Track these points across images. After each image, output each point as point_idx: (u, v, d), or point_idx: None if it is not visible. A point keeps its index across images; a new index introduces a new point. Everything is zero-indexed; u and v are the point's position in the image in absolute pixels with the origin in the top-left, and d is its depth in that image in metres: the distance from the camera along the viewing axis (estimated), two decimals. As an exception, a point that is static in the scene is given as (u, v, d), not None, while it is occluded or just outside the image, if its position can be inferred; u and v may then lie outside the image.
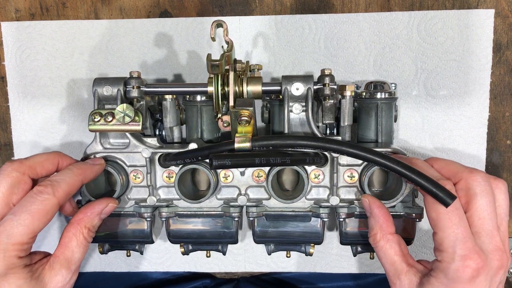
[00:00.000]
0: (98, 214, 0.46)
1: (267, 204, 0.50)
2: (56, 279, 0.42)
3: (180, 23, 0.57)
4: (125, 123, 0.47)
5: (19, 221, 0.39)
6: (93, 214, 0.46)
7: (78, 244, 0.44)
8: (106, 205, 0.47)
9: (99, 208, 0.46)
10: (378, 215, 0.44)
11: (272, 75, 0.57)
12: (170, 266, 0.63)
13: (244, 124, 0.44)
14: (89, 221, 0.45)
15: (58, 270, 0.42)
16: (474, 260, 0.37)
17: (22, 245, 0.40)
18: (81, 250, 0.44)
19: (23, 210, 0.40)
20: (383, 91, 0.50)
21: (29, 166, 0.44)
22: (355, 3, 0.56)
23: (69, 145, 0.59)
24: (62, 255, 0.43)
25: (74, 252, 0.43)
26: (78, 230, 0.44)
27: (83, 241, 0.44)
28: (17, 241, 0.39)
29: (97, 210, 0.46)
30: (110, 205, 0.47)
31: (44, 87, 0.59)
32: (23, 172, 0.43)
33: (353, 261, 0.61)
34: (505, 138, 0.57)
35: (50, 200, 0.41)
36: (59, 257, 0.43)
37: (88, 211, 0.46)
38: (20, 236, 0.39)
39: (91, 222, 0.45)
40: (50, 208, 0.41)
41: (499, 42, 0.55)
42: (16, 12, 0.58)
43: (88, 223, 0.45)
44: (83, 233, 0.44)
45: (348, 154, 0.42)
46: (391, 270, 0.42)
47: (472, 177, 0.41)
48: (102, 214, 0.46)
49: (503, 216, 0.42)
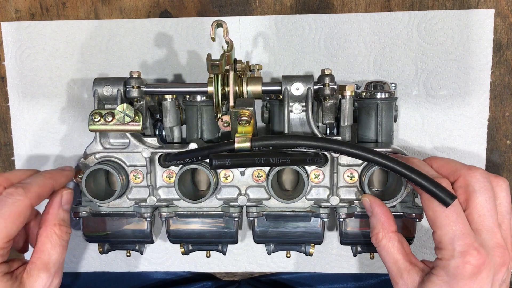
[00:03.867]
0: (59, 207, 0.45)
1: (267, 204, 0.50)
2: (36, 285, 0.41)
3: (180, 23, 0.57)
4: (125, 123, 0.47)
5: None
6: (55, 209, 0.45)
7: (52, 245, 0.43)
8: (61, 195, 0.46)
9: (57, 202, 0.45)
10: (380, 214, 0.44)
11: (272, 75, 0.57)
12: (170, 266, 0.63)
13: (244, 124, 0.44)
14: (55, 217, 0.44)
15: (36, 276, 0.41)
16: (474, 256, 0.37)
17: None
18: (57, 251, 0.43)
19: None
20: (383, 91, 0.50)
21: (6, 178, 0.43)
22: (355, 3, 0.56)
23: (69, 145, 0.59)
24: (38, 260, 0.42)
25: (50, 255, 0.43)
26: (49, 230, 0.44)
27: (57, 240, 0.43)
28: None
29: (56, 204, 0.45)
30: (64, 193, 0.46)
31: (44, 87, 0.59)
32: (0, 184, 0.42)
33: (353, 261, 0.61)
34: (505, 138, 0.57)
35: (22, 201, 0.41)
36: (36, 263, 0.42)
37: (49, 209, 0.45)
38: None
39: (58, 217, 0.45)
40: (23, 210, 0.41)
41: (499, 42, 0.55)
42: (16, 12, 0.58)
43: (55, 219, 0.44)
44: (55, 232, 0.44)
45: (348, 154, 0.42)
46: (393, 269, 0.42)
47: (470, 174, 0.41)
48: (64, 205, 0.46)
49: (504, 214, 0.41)
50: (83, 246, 0.62)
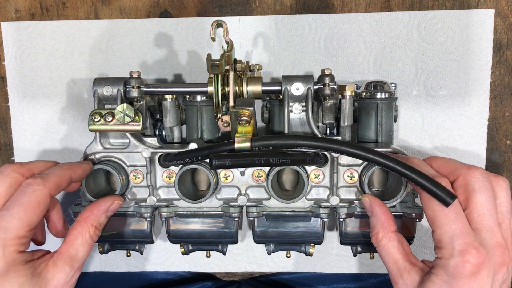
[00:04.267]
0: (104, 211, 0.46)
1: (267, 204, 0.50)
2: (58, 276, 0.41)
3: (180, 23, 0.57)
4: (125, 123, 0.47)
5: (13, 215, 0.39)
6: (100, 211, 0.46)
7: (83, 242, 0.44)
8: (112, 202, 0.47)
9: (105, 206, 0.46)
10: (380, 214, 0.44)
11: (272, 75, 0.57)
12: (170, 266, 0.63)
13: (244, 124, 0.44)
14: (95, 219, 0.45)
15: (61, 267, 0.42)
16: (473, 255, 0.37)
17: (20, 238, 0.40)
18: (85, 249, 0.44)
19: (15, 204, 0.40)
20: (383, 91, 0.50)
21: (28, 169, 0.44)
22: (355, 3, 0.56)
23: (69, 145, 0.59)
24: (66, 252, 0.43)
25: (78, 250, 0.43)
26: (85, 228, 0.44)
27: (88, 239, 0.44)
28: (14, 235, 0.39)
29: (104, 208, 0.46)
30: (116, 202, 0.47)
31: (44, 87, 0.59)
32: (22, 174, 0.43)
33: (353, 261, 0.61)
34: (505, 138, 0.57)
35: (41, 191, 0.41)
36: (63, 254, 0.43)
37: (94, 209, 0.46)
38: (16, 229, 0.39)
39: (98, 220, 0.45)
40: (42, 199, 0.41)
41: (499, 42, 0.55)
42: (16, 12, 0.58)
43: (95, 221, 0.45)
44: (89, 231, 0.44)
45: (348, 154, 0.42)
46: (393, 269, 0.42)
47: (470, 174, 0.41)
48: (109, 211, 0.47)
49: (505, 214, 0.41)
50: (83, 246, 0.62)
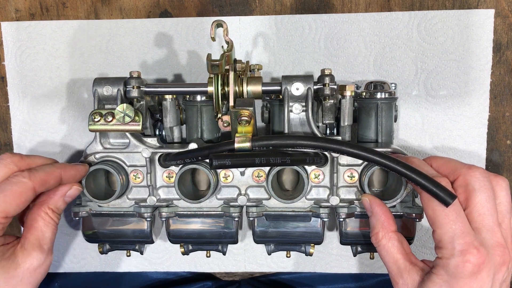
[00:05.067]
0: (61, 195, 0.46)
1: (267, 204, 0.50)
2: (29, 260, 0.42)
3: (180, 23, 0.57)
4: (125, 123, 0.47)
5: None
6: (57, 196, 0.46)
7: (45, 223, 0.44)
8: (70, 188, 0.46)
9: (63, 190, 0.46)
10: (379, 214, 0.44)
11: (272, 75, 0.57)
12: (170, 266, 0.63)
13: (244, 124, 0.44)
14: (52, 203, 0.45)
15: (31, 250, 0.42)
16: (474, 255, 0.37)
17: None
18: (50, 229, 0.44)
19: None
20: (383, 91, 0.50)
21: (27, 163, 0.44)
22: (355, 3, 0.56)
23: (69, 145, 0.59)
24: (32, 236, 0.43)
25: (43, 232, 0.43)
26: (42, 211, 0.44)
27: (50, 220, 0.44)
28: None
29: (61, 192, 0.46)
30: (74, 187, 0.47)
31: (44, 87, 0.59)
32: (20, 167, 0.43)
33: (353, 261, 0.61)
34: (505, 138, 0.57)
35: (25, 183, 0.42)
36: (29, 238, 0.43)
37: (51, 194, 0.46)
38: None
39: (55, 204, 0.45)
40: (23, 190, 0.42)
41: (499, 42, 0.55)
42: (16, 12, 0.58)
43: (52, 204, 0.45)
44: (48, 213, 0.44)
45: (348, 154, 0.42)
46: (393, 269, 0.42)
47: (470, 173, 0.41)
48: (66, 197, 0.46)
49: (505, 213, 0.41)
50: (83, 246, 0.62)
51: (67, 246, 0.62)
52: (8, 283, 0.41)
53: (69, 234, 0.62)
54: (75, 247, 0.62)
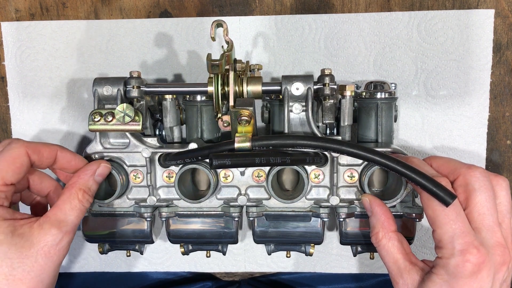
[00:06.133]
0: (91, 175, 0.46)
1: (267, 204, 0.50)
2: (45, 239, 0.40)
3: (180, 23, 0.57)
4: (125, 123, 0.47)
5: None
6: (86, 175, 0.45)
7: (71, 207, 0.43)
8: (98, 165, 0.46)
9: (91, 169, 0.46)
10: (379, 213, 0.44)
11: (272, 75, 0.57)
12: (170, 266, 0.63)
13: (244, 124, 0.44)
14: (83, 183, 0.45)
15: (47, 230, 0.40)
16: (474, 254, 0.37)
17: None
18: (75, 213, 0.43)
19: None
20: (383, 91, 0.50)
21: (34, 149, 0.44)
22: (355, 3, 0.56)
23: (69, 145, 0.59)
24: (53, 216, 0.42)
25: (67, 215, 0.42)
26: (73, 193, 0.44)
27: (77, 204, 0.43)
28: None
29: (90, 172, 0.46)
30: (102, 165, 0.46)
31: (44, 87, 0.59)
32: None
33: (353, 261, 0.61)
34: (505, 138, 0.57)
35: (18, 148, 0.42)
36: (50, 218, 0.41)
37: (80, 174, 0.45)
38: None
39: (86, 184, 0.45)
40: (17, 155, 0.42)
41: (499, 42, 0.55)
42: (16, 12, 0.58)
43: (83, 185, 0.44)
44: (78, 196, 0.43)
45: (348, 153, 0.42)
46: (394, 268, 0.42)
47: (470, 173, 0.41)
48: (97, 175, 0.46)
49: (505, 213, 0.41)
50: (83, 246, 0.62)
51: (67, 246, 0.62)
52: (22, 263, 0.39)
53: (69, 234, 0.62)
54: (75, 247, 0.62)
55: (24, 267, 0.39)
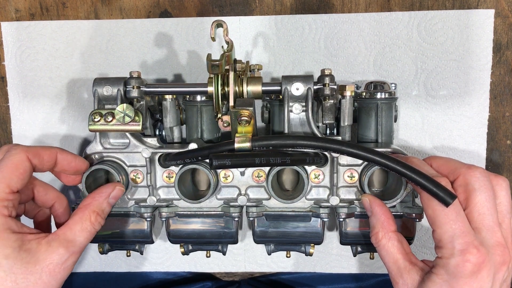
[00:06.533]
0: (105, 198, 0.45)
1: (267, 204, 0.50)
2: (51, 257, 0.40)
3: (180, 23, 0.57)
4: (125, 123, 0.47)
5: None
6: (101, 198, 0.45)
7: (82, 228, 0.42)
8: (113, 188, 0.46)
9: (106, 192, 0.46)
10: (379, 213, 0.44)
11: (272, 75, 0.57)
12: (170, 266, 0.63)
13: (244, 124, 0.44)
14: (97, 205, 0.44)
15: (55, 248, 0.40)
16: (474, 254, 0.37)
17: (2, 201, 0.39)
18: (84, 235, 0.42)
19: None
20: (383, 91, 0.50)
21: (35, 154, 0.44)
22: (355, 3, 0.56)
23: (69, 145, 0.59)
24: (63, 235, 0.41)
25: (76, 235, 0.42)
26: (86, 214, 0.43)
27: (88, 225, 0.43)
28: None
29: (105, 194, 0.46)
30: (117, 188, 0.47)
31: (44, 87, 0.59)
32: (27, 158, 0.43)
33: (353, 261, 0.61)
34: (505, 138, 0.57)
35: (18, 154, 0.42)
36: (60, 236, 0.41)
37: (95, 195, 0.45)
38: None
39: (99, 206, 0.45)
40: (19, 161, 0.41)
41: (499, 42, 0.55)
42: (16, 12, 0.58)
43: (96, 207, 0.44)
44: (90, 218, 0.43)
45: (348, 154, 0.42)
46: (393, 269, 0.42)
47: (470, 173, 0.41)
48: (111, 198, 0.46)
49: (505, 213, 0.41)
50: (83, 246, 0.62)
51: (67, 246, 0.62)
52: (26, 279, 0.38)
53: (69, 234, 0.62)
54: (75, 247, 0.62)
55: (27, 283, 0.39)
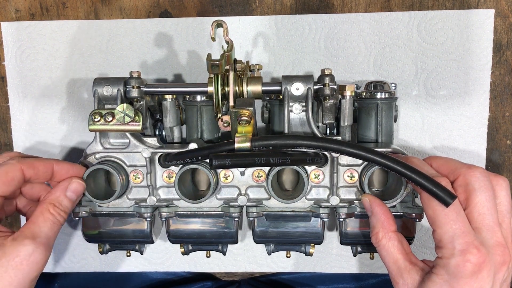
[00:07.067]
0: (62, 191, 0.46)
1: (267, 204, 0.50)
2: (17, 250, 0.40)
3: (180, 23, 0.57)
4: (125, 123, 0.47)
5: None
6: (57, 191, 0.46)
7: (44, 219, 0.43)
8: (69, 182, 0.46)
9: (62, 186, 0.46)
10: (379, 213, 0.44)
11: (272, 75, 0.57)
12: (170, 266, 0.63)
13: (244, 124, 0.44)
14: (53, 198, 0.45)
15: (20, 241, 0.41)
16: (474, 254, 0.37)
17: None
18: (48, 225, 0.43)
19: None
20: (383, 91, 0.50)
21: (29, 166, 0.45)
22: (355, 3, 0.56)
23: (69, 145, 0.59)
24: (27, 229, 0.42)
25: (40, 227, 0.43)
26: (44, 207, 0.44)
27: (49, 216, 0.44)
28: None
29: (61, 188, 0.46)
30: (73, 180, 0.46)
31: (44, 87, 0.59)
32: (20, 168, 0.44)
33: (353, 261, 0.61)
34: (505, 138, 0.57)
35: (12, 164, 0.43)
36: (24, 231, 0.42)
37: (52, 190, 0.46)
38: None
39: (56, 199, 0.45)
40: (11, 170, 0.43)
41: (499, 42, 0.55)
42: (16, 12, 0.58)
43: (53, 200, 0.45)
44: (49, 209, 0.44)
45: (348, 154, 0.42)
46: (394, 269, 0.42)
47: (470, 173, 0.41)
48: (68, 191, 0.46)
49: (505, 213, 0.41)
50: (83, 246, 0.62)
51: (67, 246, 0.62)
52: None
53: (69, 234, 0.62)
54: (75, 247, 0.62)
55: None
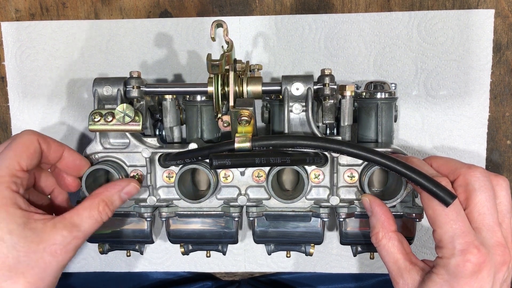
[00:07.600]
0: (118, 191, 0.45)
1: (267, 204, 0.50)
2: (55, 238, 0.40)
3: (180, 23, 0.57)
4: (125, 123, 0.47)
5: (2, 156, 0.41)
6: (113, 189, 0.45)
7: (89, 215, 0.42)
8: (128, 183, 0.46)
9: (120, 185, 0.45)
10: (379, 213, 0.44)
11: (272, 75, 0.57)
12: (170, 266, 0.63)
13: (244, 124, 0.44)
14: (107, 196, 0.44)
15: (59, 230, 0.40)
16: (474, 254, 0.37)
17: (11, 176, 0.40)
18: (90, 222, 0.42)
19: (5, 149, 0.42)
20: (383, 91, 0.50)
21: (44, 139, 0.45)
22: (355, 3, 0.56)
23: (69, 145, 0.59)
24: (69, 218, 0.41)
25: (82, 221, 0.42)
26: (95, 202, 0.43)
27: (95, 214, 0.43)
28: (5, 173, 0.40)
29: (118, 188, 0.45)
30: (132, 184, 0.46)
31: (44, 87, 0.59)
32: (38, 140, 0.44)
33: (353, 261, 0.61)
34: (505, 138, 0.57)
35: (28, 135, 0.43)
36: (66, 219, 0.41)
37: (108, 187, 0.45)
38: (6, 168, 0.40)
39: (110, 198, 0.44)
40: (29, 142, 0.42)
41: (499, 42, 0.55)
42: (16, 12, 0.58)
43: (107, 197, 0.44)
44: (98, 207, 0.43)
45: (348, 154, 0.42)
46: (394, 269, 0.42)
47: (470, 173, 0.41)
48: (123, 193, 0.46)
49: (505, 213, 0.41)
50: (83, 246, 0.62)
51: (67, 246, 0.62)
52: (28, 257, 0.38)
53: (69, 234, 0.62)
54: (75, 247, 0.62)
55: (29, 262, 0.39)
